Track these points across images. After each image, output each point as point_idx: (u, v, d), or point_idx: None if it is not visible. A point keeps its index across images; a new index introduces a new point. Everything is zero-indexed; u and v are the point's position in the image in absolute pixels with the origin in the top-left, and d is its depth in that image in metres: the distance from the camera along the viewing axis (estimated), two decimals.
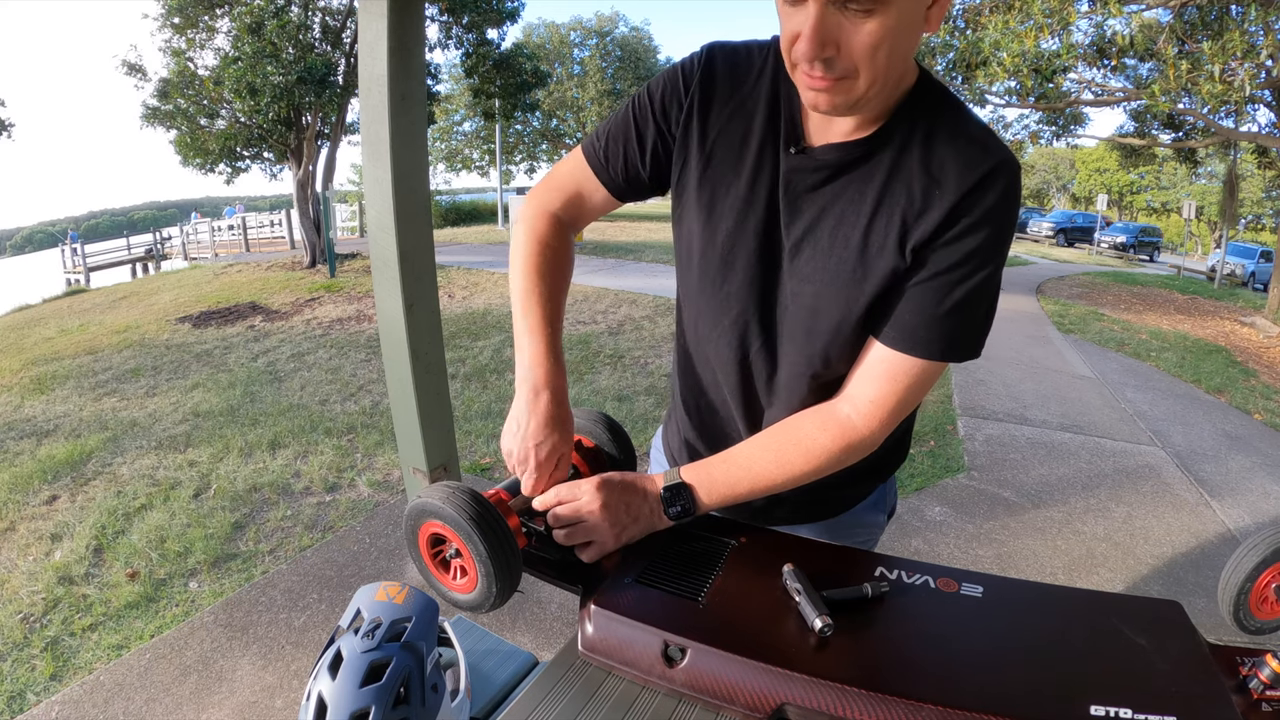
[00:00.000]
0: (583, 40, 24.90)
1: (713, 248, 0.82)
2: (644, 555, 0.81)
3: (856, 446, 0.79)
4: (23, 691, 2.04)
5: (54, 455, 3.71)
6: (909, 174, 0.72)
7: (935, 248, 0.71)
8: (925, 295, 0.73)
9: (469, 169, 26.97)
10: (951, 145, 0.71)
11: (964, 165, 0.70)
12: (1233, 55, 6.01)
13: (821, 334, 0.79)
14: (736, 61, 0.81)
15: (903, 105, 0.73)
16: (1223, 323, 8.90)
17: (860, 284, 0.75)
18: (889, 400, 0.77)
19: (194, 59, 10.16)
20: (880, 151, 0.73)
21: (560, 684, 0.70)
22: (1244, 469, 3.84)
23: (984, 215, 0.70)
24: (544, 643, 2.20)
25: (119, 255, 19.97)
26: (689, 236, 0.85)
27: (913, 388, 0.76)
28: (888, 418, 0.78)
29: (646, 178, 0.87)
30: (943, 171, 0.70)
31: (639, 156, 0.86)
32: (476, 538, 0.74)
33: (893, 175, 0.73)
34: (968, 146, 0.71)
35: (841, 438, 0.78)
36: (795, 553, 0.81)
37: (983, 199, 0.69)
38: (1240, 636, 0.80)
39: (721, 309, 0.84)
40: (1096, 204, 23.75)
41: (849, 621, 0.71)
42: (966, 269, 0.72)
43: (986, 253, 0.71)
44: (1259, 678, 0.63)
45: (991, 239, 0.71)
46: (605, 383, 4.84)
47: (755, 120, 0.79)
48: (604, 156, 0.88)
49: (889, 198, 0.73)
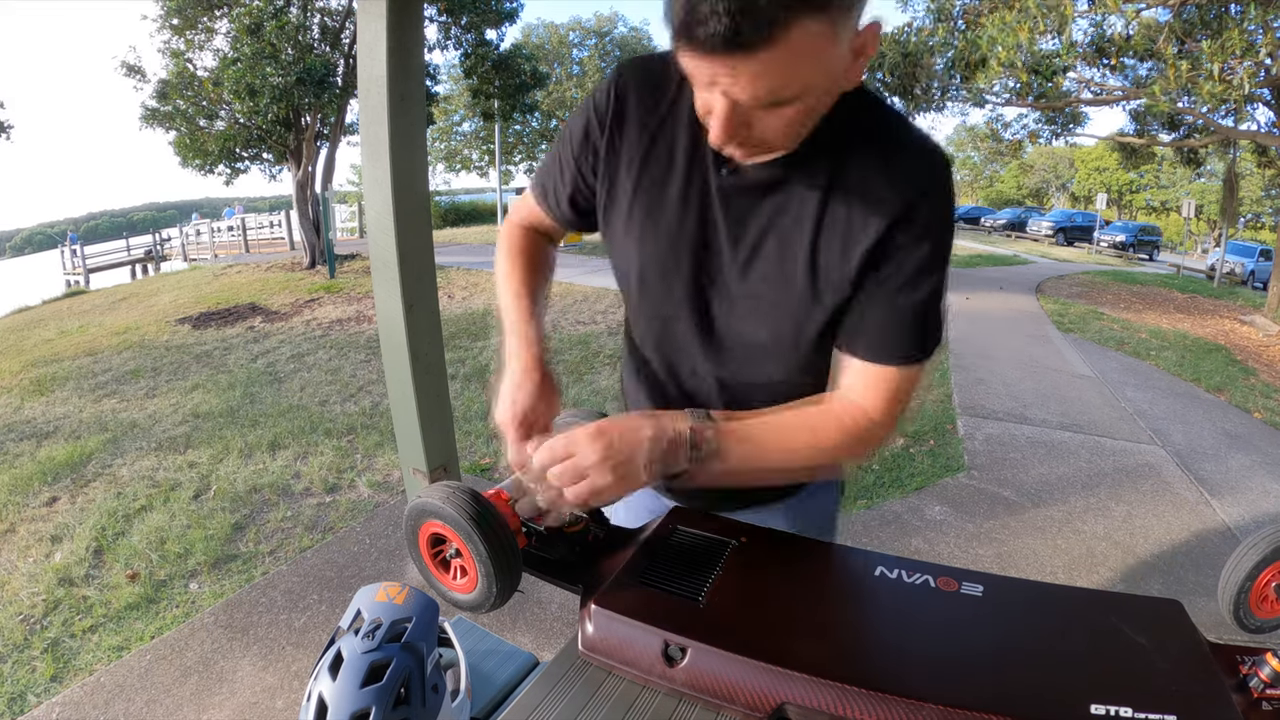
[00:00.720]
0: (582, 41, 24.95)
1: (651, 268, 0.81)
2: (644, 555, 0.81)
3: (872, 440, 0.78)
4: (23, 693, 2.04)
5: (54, 457, 3.71)
6: (845, 187, 0.71)
7: (886, 260, 0.72)
8: (888, 307, 0.74)
9: (468, 169, 27.02)
10: (884, 154, 0.71)
11: (901, 176, 0.70)
12: (1232, 54, 6.01)
13: (771, 349, 0.80)
14: (649, 77, 0.78)
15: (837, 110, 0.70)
16: (1222, 321, 8.91)
17: (814, 300, 0.75)
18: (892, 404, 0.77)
19: (193, 60, 10.18)
20: (813, 163, 0.71)
21: (560, 684, 0.70)
22: (1244, 467, 3.84)
23: (927, 221, 0.71)
24: (544, 643, 2.20)
25: (118, 256, 19.96)
26: (625, 260, 0.84)
27: (905, 390, 0.77)
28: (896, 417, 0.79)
29: (585, 210, 0.88)
30: (880, 184, 0.70)
31: (572, 192, 0.86)
32: (476, 537, 0.74)
33: (831, 188, 0.72)
34: (900, 154, 0.71)
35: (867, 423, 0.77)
36: (796, 553, 0.82)
37: (923, 205, 0.70)
38: (1241, 635, 0.80)
39: (664, 328, 0.85)
40: (1096, 203, 23.76)
41: (849, 621, 0.71)
42: (921, 274, 0.73)
43: (936, 255, 0.73)
44: (1259, 676, 0.63)
45: (938, 240, 0.72)
46: (605, 383, 4.84)
47: (678, 140, 0.77)
48: (543, 190, 0.90)
49: (830, 214, 0.72)
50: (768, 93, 0.57)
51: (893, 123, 0.73)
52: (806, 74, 0.57)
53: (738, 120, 0.61)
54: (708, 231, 0.77)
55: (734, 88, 0.57)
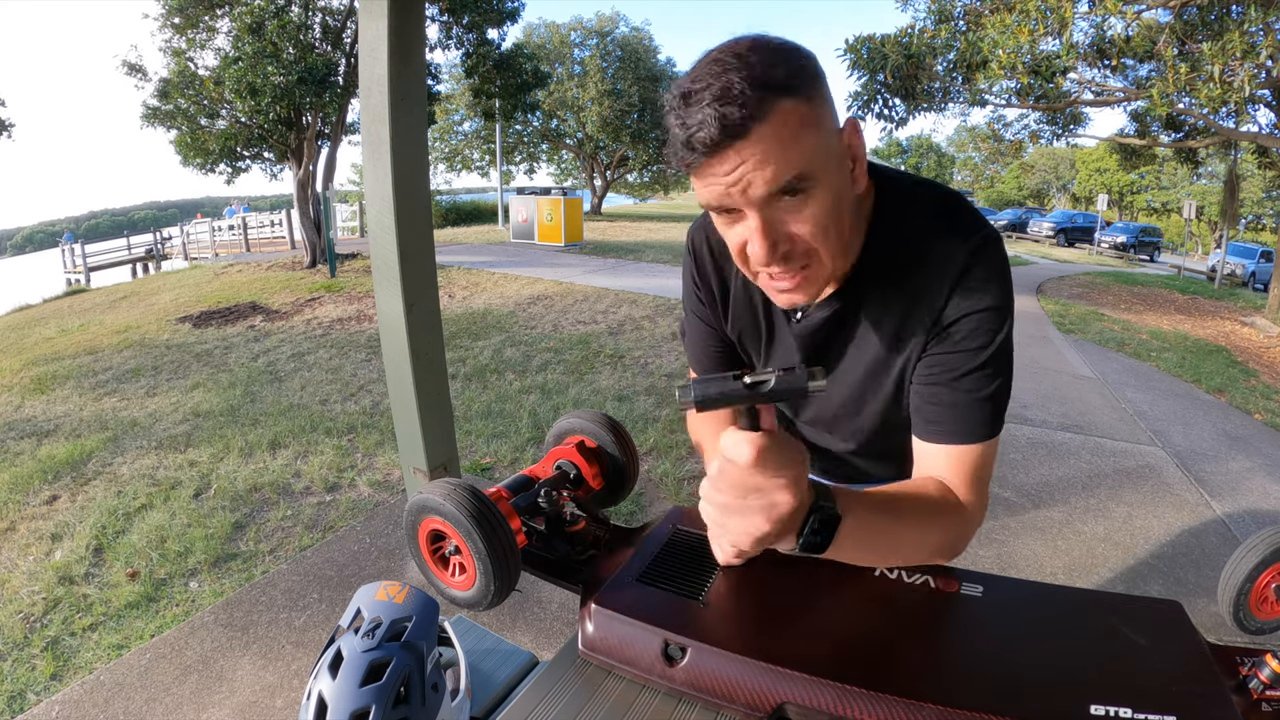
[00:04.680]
0: (583, 40, 24.87)
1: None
2: (644, 555, 0.81)
3: (968, 529, 0.78)
4: (23, 691, 2.04)
5: (54, 455, 3.71)
6: (898, 289, 0.75)
7: (942, 348, 0.74)
8: (947, 392, 0.75)
9: (469, 169, 26.97)
10: (926, 244, 0.73)
11: (943, 262, 0.72)
12: (1232, 56, 6.00)
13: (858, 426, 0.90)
14: (714, 230, 0.84)
15: (872, 227, 0.76)
16: (1223, 323, 8.90)
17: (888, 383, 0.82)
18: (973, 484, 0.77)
19: (194, 59, 10.17)
20: (867, 287, 0.77)
21: (560, 683, 0.70)
22: (1244, 469, 3.84)
23: (977, 300, 0.72)
24: (544, 643, 2.20)
25: (119, 255, 19.96)
26: None
27: (983, 466, 0.77)
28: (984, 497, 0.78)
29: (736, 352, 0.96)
30: (927, 275, 0.73)
31: (717, 348, 0.96)
32: (475, 534, 0.74)
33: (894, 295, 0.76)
34: (941, 239, 0.73)
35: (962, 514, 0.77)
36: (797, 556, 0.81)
37: (970, 286, 0.72)
38: (1240, 636, 0.80)
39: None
40: (1097, 204, 23.75)
41: (849, 621, 0.71)
42: (973, 360, 0.74)
43: (989, 331, 0.73)
44: (1259, 678, 0.63)
45: (991, 316, 0.73)
46: (606, 383, 4.85)
47: (754, 291, 0.86)
48: (698, 364, 0.98)
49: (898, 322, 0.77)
50: (774, 176, 0.61)
51: (929, 207, 0.75)
52: (804, 154, 0.61)
53: (774, 230, 0.65)
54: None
55: (746, 179, 0.61)
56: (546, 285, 8.56)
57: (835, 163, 0.65)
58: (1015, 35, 7.13)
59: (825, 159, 0.64)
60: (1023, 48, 7.25)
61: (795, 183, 0.62)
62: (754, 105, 0.58)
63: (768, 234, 0.65)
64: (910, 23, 9.23)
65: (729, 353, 0.95)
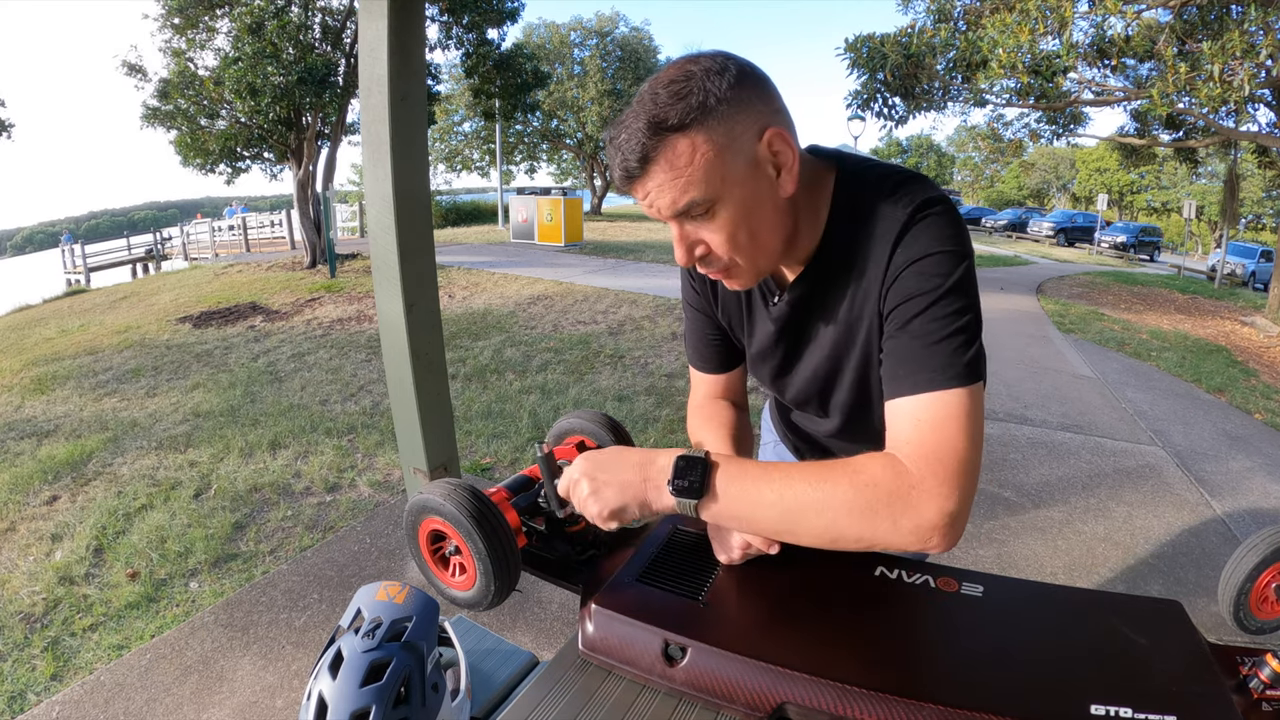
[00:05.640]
0: (583, 40, 24.87)
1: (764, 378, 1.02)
2: (644, 555, 0.81)
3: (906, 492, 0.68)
4: (23, 691, 2.04)
5: (54, 455, 3.71)
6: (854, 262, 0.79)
7: (891, 303, 0.75)
8: (903, 335, 0.74)
9: (469, 169, 26.96)
10: (874, 215, 0.77)
11: (887, 225, 0.75)
12: (1232, 55, 6.00)
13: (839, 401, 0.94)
14: None
15: (831, 211, 0.80)
16: (1223, 322, 8.90)
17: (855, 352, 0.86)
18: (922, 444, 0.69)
19: (194, 59, 10.16)
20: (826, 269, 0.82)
21: (560, 683, 0.70)
22: (1244, 469, 3.84)
23: (919, 248, 0.73)
24: (544, 643, 2.20)
25: (119, 255, 19.97)
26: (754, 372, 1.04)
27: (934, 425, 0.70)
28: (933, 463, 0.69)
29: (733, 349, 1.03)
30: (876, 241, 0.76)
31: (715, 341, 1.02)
32: (476, 535, 0.74)
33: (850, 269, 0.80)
34: (888, 206, 0.76)
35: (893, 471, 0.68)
36: (797, 552, 0.81)
37: (911, 239, 0.73)
38: (1241, 636, 0.80)
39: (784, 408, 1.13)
40: (1097, 204, 23.74)
41: (849, 621, 0.71)
42: (927, 290, 0.72)
43: (935, 275, 0.72)
44: (1259, 677, 0.63)
45: (936, 260, 0.72)
46: (606, 382, 4.85)
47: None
48: (699, 358, 1.05)
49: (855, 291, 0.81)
50: (671, 202, 0.70)
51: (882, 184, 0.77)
52: (698, 180, 0.69)
53: (688, 239, 0.75)
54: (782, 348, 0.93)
55: (654, 203, 0.72)
56: (546, 285, 8.56)
57: (746, 177, 0.71)
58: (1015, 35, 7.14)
59: (729, 178, 0.70)
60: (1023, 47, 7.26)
61: (692, 207, 0.70)
62: (650, 148, 0.68)
63: (683, 241, 0.75)
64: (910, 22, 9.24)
65: (724, 341, 1.02)
